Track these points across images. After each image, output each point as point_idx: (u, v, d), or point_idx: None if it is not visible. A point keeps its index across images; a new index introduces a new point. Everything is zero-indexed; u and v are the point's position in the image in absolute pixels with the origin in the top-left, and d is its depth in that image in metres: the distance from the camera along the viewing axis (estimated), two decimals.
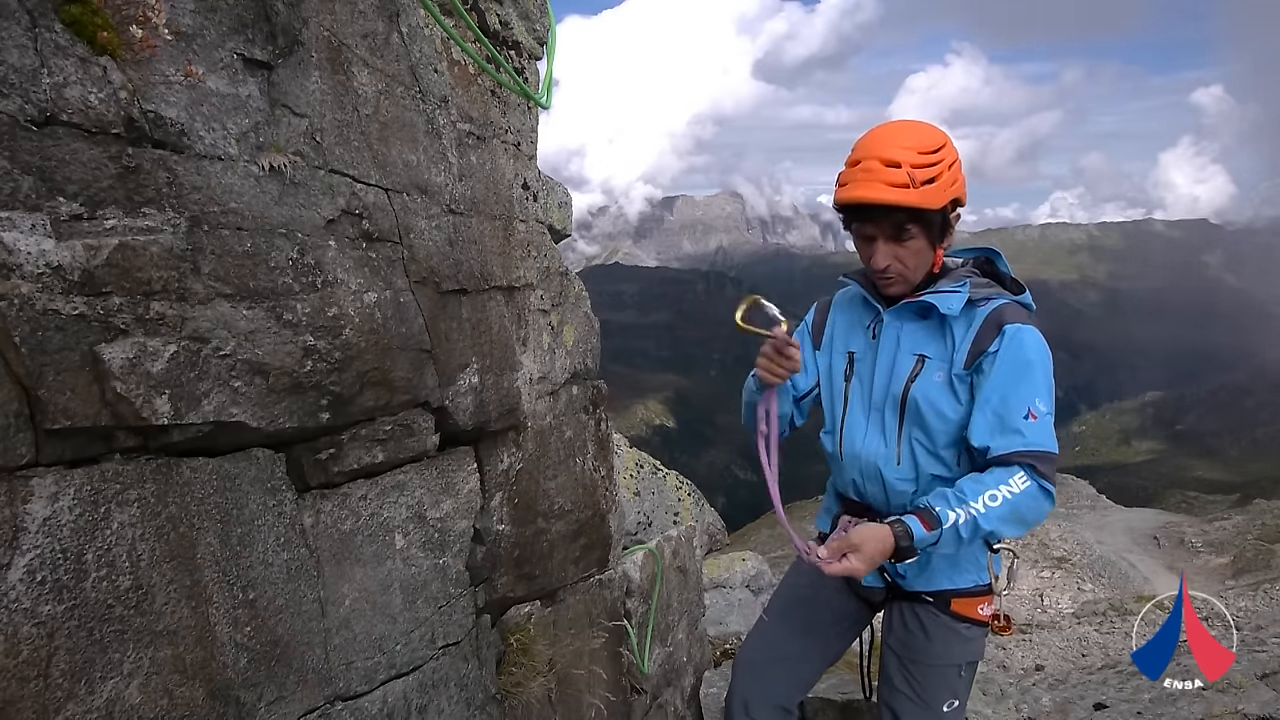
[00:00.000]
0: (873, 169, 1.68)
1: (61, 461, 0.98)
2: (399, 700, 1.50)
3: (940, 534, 1.62)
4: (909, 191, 1.66)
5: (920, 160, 1.67)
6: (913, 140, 1.70)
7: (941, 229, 1.75)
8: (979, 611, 1.90)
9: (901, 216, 1.70)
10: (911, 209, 1.68)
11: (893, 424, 1.86)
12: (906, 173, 1.65)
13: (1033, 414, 1.67)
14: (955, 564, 1.88)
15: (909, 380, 1.81)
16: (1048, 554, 13.92)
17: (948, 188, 1.70)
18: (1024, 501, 1.62)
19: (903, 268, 1.76)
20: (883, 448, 1.87)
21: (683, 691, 2.95)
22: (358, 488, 1.43)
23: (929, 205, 1.68)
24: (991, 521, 1.61)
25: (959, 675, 1.93)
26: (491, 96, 1.80)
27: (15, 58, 0.89)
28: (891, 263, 1.76)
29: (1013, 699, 4.32)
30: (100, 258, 0.97)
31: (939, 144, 1.72)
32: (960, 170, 1.76)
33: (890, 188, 1.66)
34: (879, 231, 1.74)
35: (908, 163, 1.66)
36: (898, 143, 1.69)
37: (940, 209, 1.70)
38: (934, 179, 1.68)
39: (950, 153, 1.74)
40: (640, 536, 2.94)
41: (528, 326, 1.92)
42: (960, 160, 1.77)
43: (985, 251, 1.94)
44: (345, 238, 1.32)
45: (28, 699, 0.92)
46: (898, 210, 1.69)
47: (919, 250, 1.75)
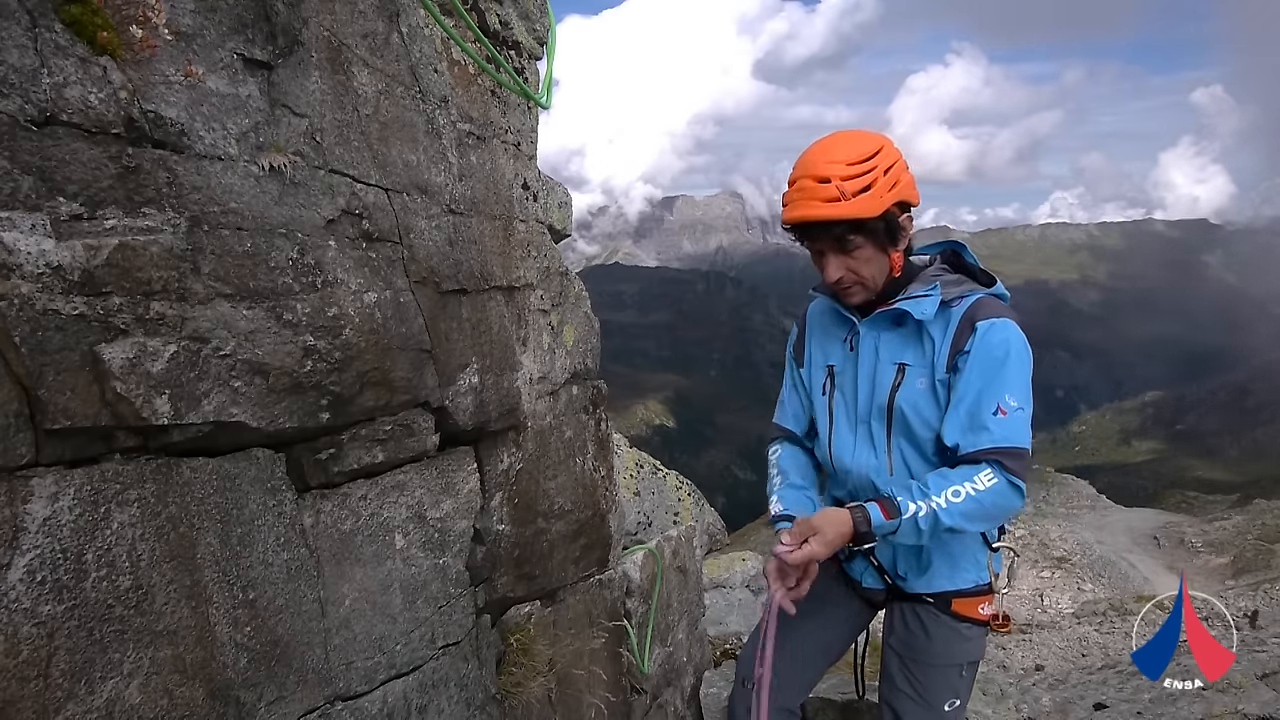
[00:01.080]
0: (806, 187, 1.71)
1: (61, 461, 0.98)
2: (399, 700, 1.50)
3: (899, 524, 1.64)
4: (840, 204, 1.67)
5: (849, 172, 1.68)
6: (841, 153, 1.70)
7: (889, 234, 1.75)
8: (979, 611, 1.90)
9: (840, 229, 1.71)
10: (848, 220, 1.69)
11: (881, 435, 1.86)
12: (836, 186, 1.67)
13: (1002, 409, 1.67)
14: (954, 564, 1.89)
15: (892, 391, 1.82)
16: (1048, 554, 13.92)
17: (884, 194, 1.70)
18: (989, 498, 1.62)
19: (856, 277, 1.77)
20: (873, 459, 1.87)
21: (683, 691, 2.95)
22: (358, 488, 1.43)
23: (864, 214, 1.68)
24: (953, 517, 1.62)
25: (960, 675, 1.93)
26: (491, 96, 1.80)
27: (15, 58, 0.89)
28: (844, 274, 1.76)
29: (1013, 699, 4.32)
30: (100, 258, 0.97)
31: (870, 152, 1.71)
32: (902, 173, 1.75)
33: (823, 204, 1.68)
34: (825, 246, 1.76)
35: (836, 176, 1.67)
36: (826, 158, 1.70)
37: (881, 215, 1.70)
38: (868, 187, 1.68)
39: (886, 158, 1.72)
40: (640, 536, 2.94)
41: (528, 326, 1.92)
42: (902, 163, 1.76)
43: (949, 244, 1.94)
44: (345, 238, 1.32)
45: (28, 699, 0.92)
46: (835, 224, 1.70)
47: (869, 258, 1.75)
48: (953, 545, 1.89)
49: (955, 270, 1.88)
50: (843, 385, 1.93)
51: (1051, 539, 14.34)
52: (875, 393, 1.85)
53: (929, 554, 1.89)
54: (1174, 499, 36.39)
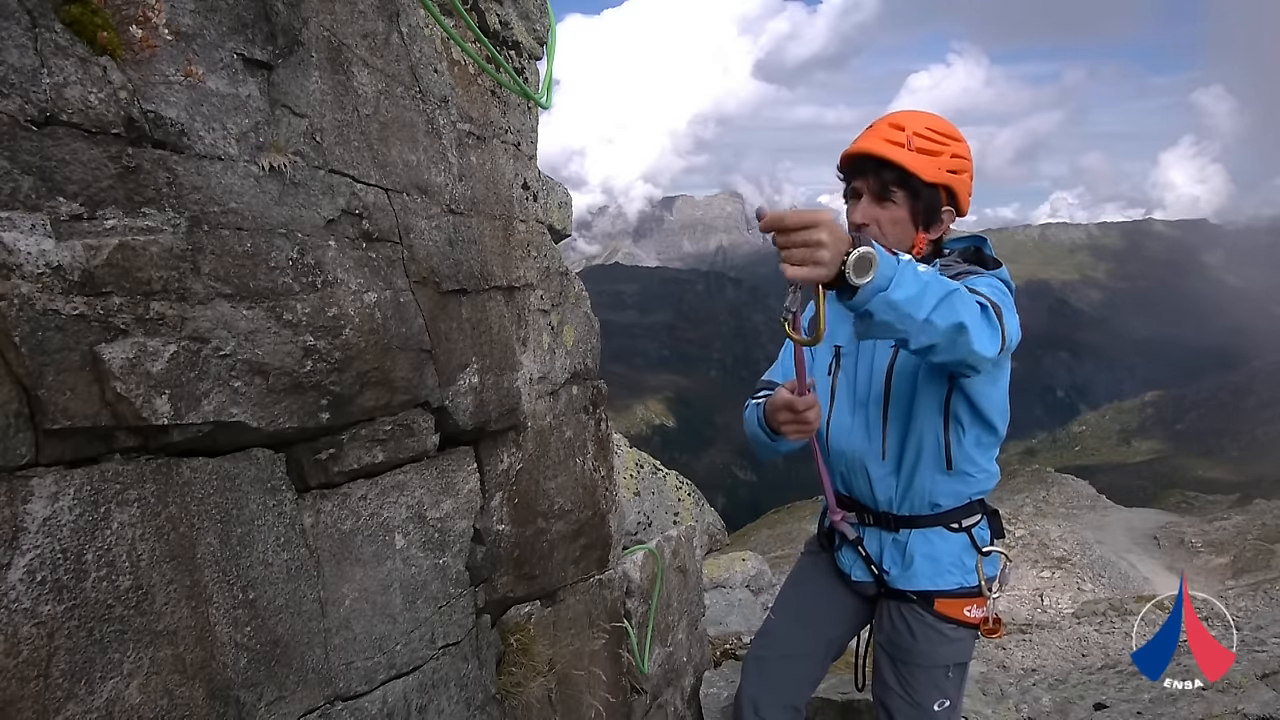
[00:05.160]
0: (878, 127, 1.75)
1: (61, 461, 0.98)
2: (399, 700, 1.50)
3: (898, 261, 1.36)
4: (901, 151, 1.70)
5: (924, 133, 1.72)
6: (926, 119, 1.74)
7: (926, 210, 1.75)
8: (965, 613, 1.89)
9: (889, 174, 1.72)
10: (900, 170, 1.71)
11: (877, 418, 1.86)
12: (907, 136, 1.71)
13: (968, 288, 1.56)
14: (937, 564, 1.88)
15: (889, 367, 1.82)
16: (1048, 554, 13.92)
17: (942, 168, 1.72)
18: (964, 297, 1.46)
19: (879, 232, 1.76)
20: (867, 444, 1.87)
21: (683, 691, 2.95)
22: (358, 488, 1.43)
23: (917, 170, 1.70)
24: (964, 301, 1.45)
25: (946, 676, 1.92)
26: (491, 96, 1.80)
27: (15, 58, 0.89)
28: (869, 223, 1.76)
29: (1013, 699, 4.32)
30: (100, 258, 0.97)
31: (952, 135, 1.76)
32: (966, 172, 1.77)
33: (887, 143, 1.72)
34: (865, 187, 1.76)
35: (912, 130, 1.71)
36: (911, 115, 1.75)
37: (930, 184, 1.72)
38: (932, 153, 1.72)
39: (961, 149, 1.76)
40: (640, 536, 2.94)
41: (528, 326, 1.92)
42: (971, 169, 1.79)
43: (973, 240, 1.94)
44: (345, 238, 1.32)
45: (28, 699, 0.92)
46: (886, 168, 1.71)
47: (898, 220, 1.75)
48: (936, 545, 1.89)
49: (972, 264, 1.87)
50: (847, 367, 1.93)
51: (1051, 539, 14.33)
52: (874, 374, 1.85)
53: (912, 552, 1.89)
54: (1174, 499, 36.39)
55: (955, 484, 1.87)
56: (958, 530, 1.89)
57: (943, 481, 1.85)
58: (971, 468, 1.86)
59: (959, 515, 1.90)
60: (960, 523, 1.90)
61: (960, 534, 1.89)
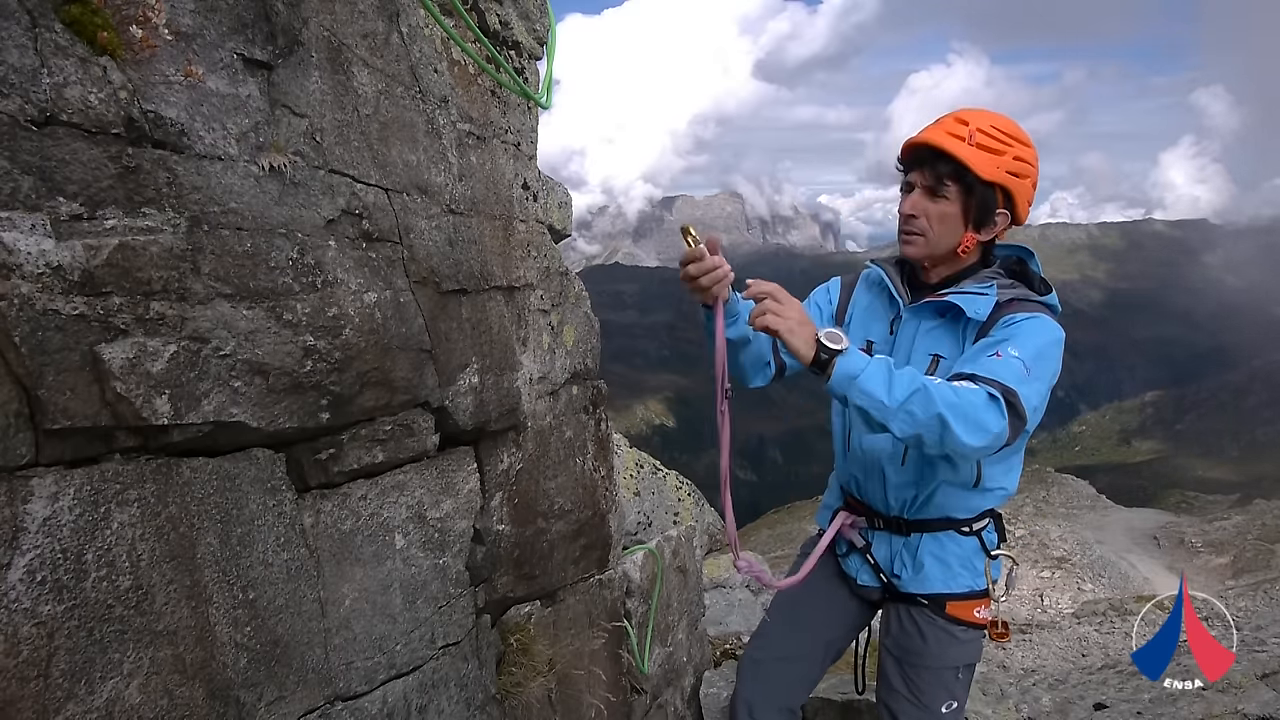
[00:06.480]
0: (943, 121, 1.74)
1: (61, 461, 0.98)
2: (399, 700, 1.50)
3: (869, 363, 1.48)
4: (961, 144, 1.69)
5: (989, 130, 1.70)
6: (993, 118, 1.73)
7: (980, 209, 1.72)
8: (975, 615, 1.89)
9: (944, 169, 1.70)
10: (956, 163, 1.68)
11: None
12: (970, 131, 1.69)
13: (999, 353, 1.59)
14: (948, 567, 1.88)
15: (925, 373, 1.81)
16: (1048, 554, 13.92)
17: (1002, 168, 1.70)
18: (968, 396, 1.49)
19: (926, 225, 1.75)
20: (889, 445, 1.85)
21: (683, 691, 2.95)
22: (358, 488, 1.43)
23: (974, 165, 1.68)
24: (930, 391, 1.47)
25: (956, 677, 1.92)
26: (491, 96, 1.80)
27: (15, 58, 0.89)
28: (919, 215, 1.75)
29: (1013, 699, 4.32)
30: (100, 258, 0.97)
31: (1018, 137, 1.73)
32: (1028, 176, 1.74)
33: (948, 136, 1.70)
34: (920, 179, 1.75)
35: (976, 126, 1.70)
36: (978, 113, 1.73)
37: (986, 182, 1.69)
38: (993, 150, 1.69)
39: (1026, 153, 1.73)
40: (640, 536, 2.94)
41: (528, 326, 1.92)
42: (1034, 174, 1.76)
43: (1018, 251, 1.90)
44: (345, 238, 1.32)
45: (28, 699, 0.92)
46: (942, 160, 1.70)
47: (947, 216, 1.73)
48: (947, 548, 1.88)
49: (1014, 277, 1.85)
50: None
51: (1051, 539, 14.34)
52: None
53: (922, 555, 1.88)
54: (1174, 499, 36.36)
55: (975, 499, 1.87)
56: (969, 534, 1.89)
57: (964, 497, 1.85)
58: (994, 484, 1.86)
59: (970, 519, 1.90)
60: (971, 526, 1.89)
61: (971, 537, 1.89)
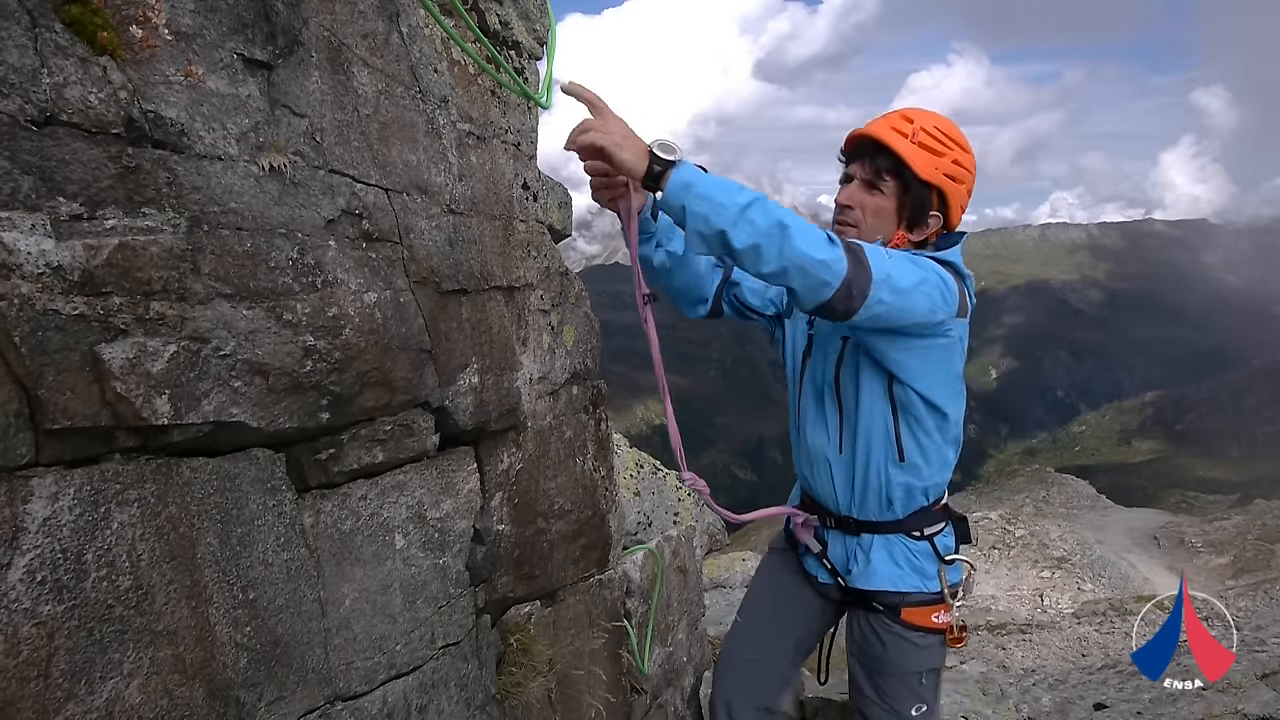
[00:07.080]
0: (889, 117, 1.76)
1: (61, 461, 0.98)
2: (399, 700, 1.50)
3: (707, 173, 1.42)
4: (904, 141, 1.71)
5: (932, 131, 1.73)
6: (938, 120, 1.75)
7: (914, 207, 1.74)
8: (933, 620, 1.88)
9: (885, 162, 1.72)
10: (896, 158, 1.71)
11: (833, 409, 1.85)
12: (914, 129, 1.71)
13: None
14: (897, 565, 1.87)
15: (836, 364, 1.82)
16: (1048, 554, 13.91)
17: (940, 169, 1.72)
18: (811, 227, 1.44)
19: (860, 217, 1.77)
20: (826, 436, 1.87)
21: (683, 691, 2.95)
22: (358, 488, 1.43)
23: (913, 163, 1.70)
24: (784, 209, 1.42)
25: (920, 682, 1.92)
26: (491, 96, 1.80)
27: (15, 58, 0.89)
28: (855, 206, 1.77)
29: (1013, 699, 4.32)
30: (100, 258, 0.97)
31: (960, 143, 1.76)
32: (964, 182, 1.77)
33: (891, 131, 1.73)
34: (859, 171, 1.77)
35: (920, 125, 1.72)
36: (925, 114, 1.76)
37: (923, 182, 1.72)
38: (933, 151, 1.72)
39: (965, 159, 1.76)
40: (640, 536, 2.94)
41: (528, 326, 1.92)
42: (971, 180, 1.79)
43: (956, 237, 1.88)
44: (345, 238, 1.32)
45: (28, 699, 0.92)
46: (883, 154, 1.72)
47: (882, 210, 1.75)
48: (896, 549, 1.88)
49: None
50: (815, 356, 1.93)
51: (1051, 539, 14.32)
52: (826, 362, 1.86)
53: (873, 553, 1.88)
54: (1174, 499, 36.34)
55: (906, 476, 1.83)
56: (920, 538, 1.89)
57: (895, 474, 1.82)
58: (921, 458, 1.82)
59: (920, 522, 1.88)
60: (922, 530, 1.89)
61: (922, 542, 1.89)
